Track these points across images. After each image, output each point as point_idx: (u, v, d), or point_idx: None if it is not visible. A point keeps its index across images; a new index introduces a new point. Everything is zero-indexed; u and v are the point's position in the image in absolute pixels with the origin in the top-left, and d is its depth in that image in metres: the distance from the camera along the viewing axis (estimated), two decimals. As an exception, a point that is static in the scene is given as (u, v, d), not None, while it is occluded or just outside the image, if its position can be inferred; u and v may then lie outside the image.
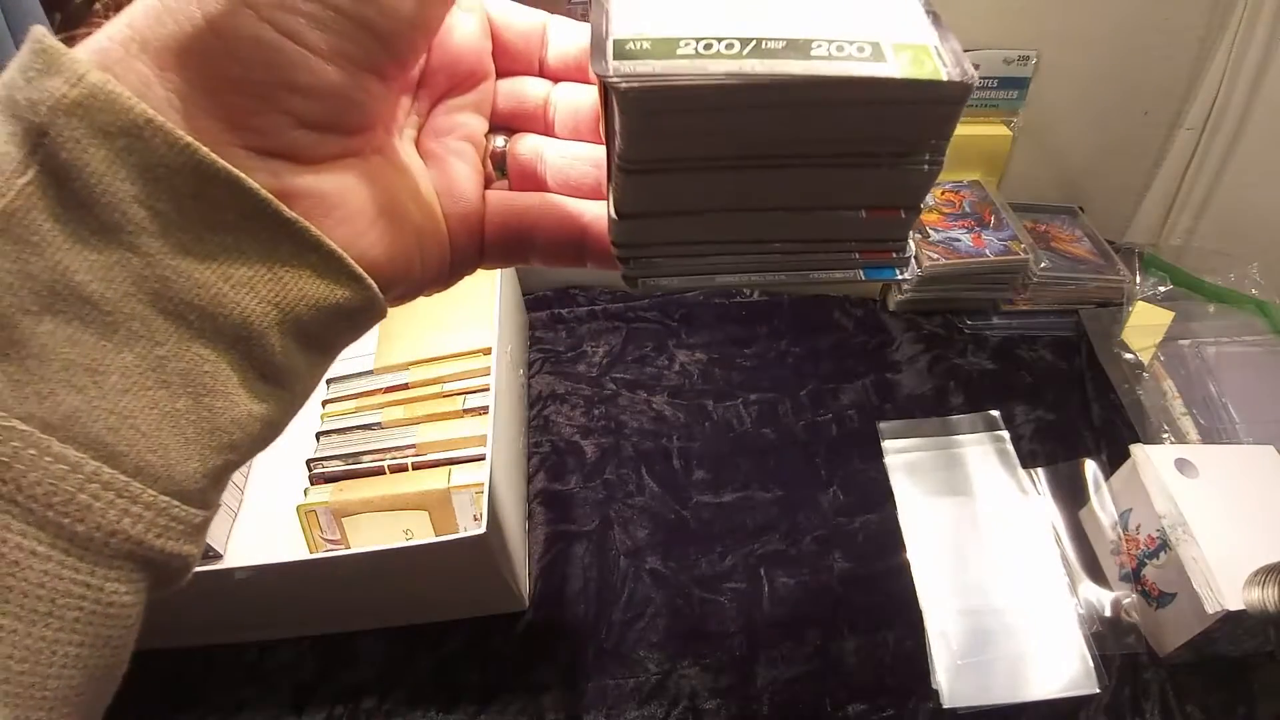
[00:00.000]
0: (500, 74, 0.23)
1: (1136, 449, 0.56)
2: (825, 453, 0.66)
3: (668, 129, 0.17)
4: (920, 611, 0.56)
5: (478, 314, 0.66)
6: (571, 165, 0.22)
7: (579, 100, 0.23)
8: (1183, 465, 0.54)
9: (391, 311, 0.21)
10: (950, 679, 0.52)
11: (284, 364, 0.18)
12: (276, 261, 0.17)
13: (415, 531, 0.55)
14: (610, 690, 0.53)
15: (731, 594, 0.57)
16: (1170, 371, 0.70)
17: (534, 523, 0.62)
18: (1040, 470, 0.64)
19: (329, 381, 0.65)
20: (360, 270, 0.18)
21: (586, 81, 0.23)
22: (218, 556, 0.63)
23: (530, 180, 0.23)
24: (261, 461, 0.72)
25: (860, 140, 0.17)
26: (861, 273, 0.18)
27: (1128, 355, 0.72)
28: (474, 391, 0.61)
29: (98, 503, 0.15)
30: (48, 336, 0.15)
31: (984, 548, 0.59)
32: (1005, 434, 0.67)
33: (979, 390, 0.71)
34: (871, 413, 0.69)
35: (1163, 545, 0.51)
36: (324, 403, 0.63)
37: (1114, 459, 0.62)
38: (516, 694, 0.53)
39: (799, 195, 0.18)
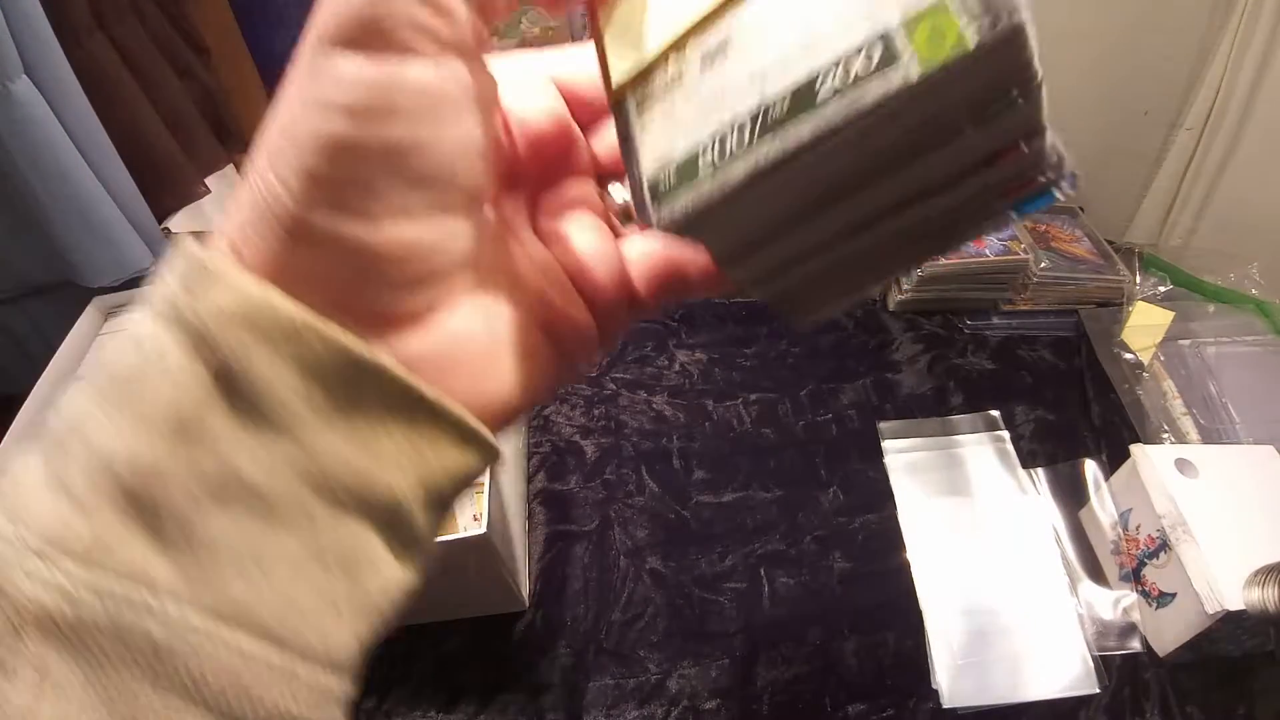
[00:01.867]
0: (586, 125, 0.22)
1: (1136, 449, 0.56)
2: (825, 453, 0.66)
3: (732, 233, 0.16)
4: (920, 611, 0.56)
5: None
6: None
7: None
8: (1183, 465, 0.54)
9: None
10: (950, 679, 0.52)
11: (423, 532, 0.19)
12: (419, 437, 0.18)
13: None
14: (610, 690, 0.53)
15: (731, 594, 0.57)
16: (1170, 371, 0.70)
17: (534, 523, 0.62)
18: (1040, 470, 0.64)
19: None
20: (490, 438, 0.19)
21: None
22: (218, 556, 0.63)
23: None
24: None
25: (924, 136, 0.14)
26: (1014, 214, 0.16)
27: (1128, 355, 0.72)
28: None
29: (269, 689, 0.16)
30: (219, 529, 0.16)
31: (984, 548, 0.59)
32: (1005, 434, 0.67)
33: (979, 390, 0.71)
34: (871, 413, 0.69)
35: (1163, 545, 0.51)
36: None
37: (1114, 459, 0.62)
38: (516, 694, 0.53)
39: (901, 195, 0.16)
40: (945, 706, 0.51)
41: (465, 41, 0.16)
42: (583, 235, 0.21)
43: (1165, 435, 0.65)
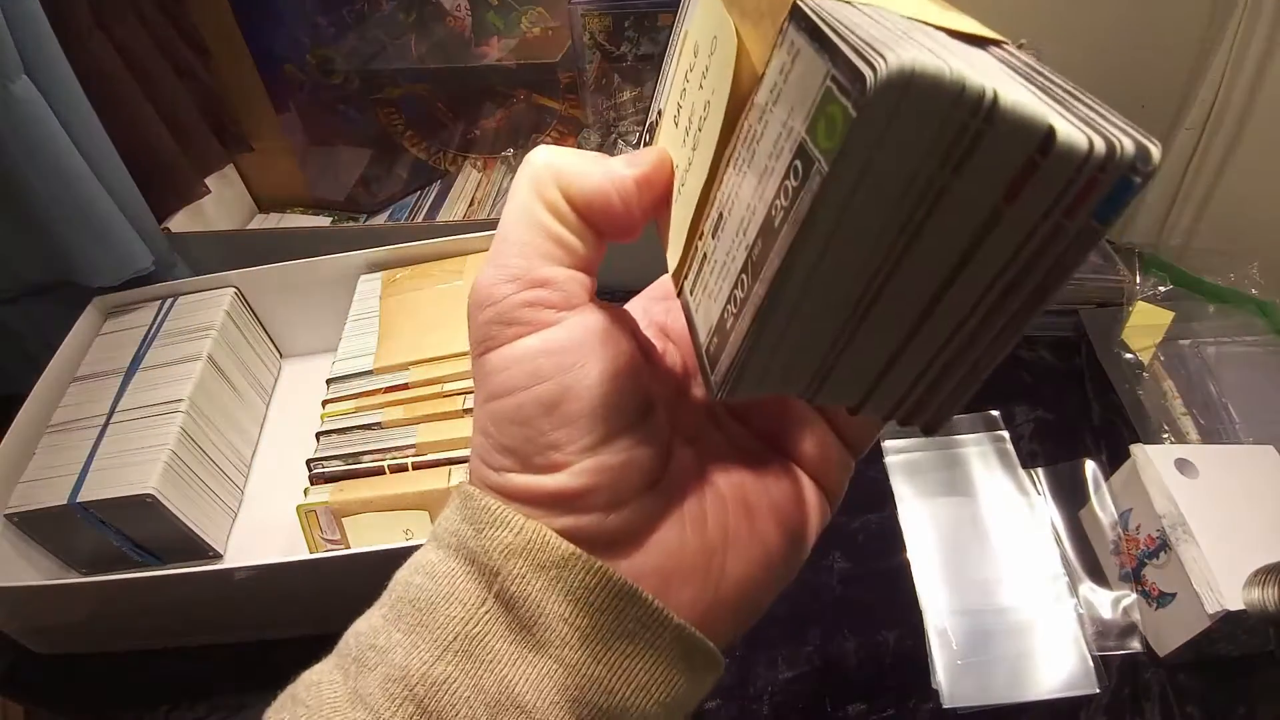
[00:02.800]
0: None
1: (1136, 449, 0.56)
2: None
3: (780, 376, 0.16)
4: (920, 611, 0.56)
5: (478, 314, 0.66)
6: None
7: None
8: (1183, 465, 0.54)
9: (391, 311, 0.22)
10: (950, 679, 0.52)
11: None
12: (666, 663, 0.19)
13: (415, 531, 0.55)
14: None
15: (731, 594, 0.57)
16: (1170, 371, 0.70)
17: (534, 523, 0.62)
18: (1040, 470, 0.64)
19: (329, 382, 0.65)
20: (721, 659, 0.21)
21: None
22: (218, 556, 0.63)
23: None
24: (261, 461, 0.72)
25: (904, 211, 0.14)
26: (1097, 224, 0.13)
27: (1128, 355, 0.72)
28: (474, 391, 0.61)
29: None
30: None
31: (984, 548, 0.59)
32: (1005, 434, 0.67)
33: (979, 390, 0.71)
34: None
35: (1163, 545, 0.51)
36: (324, 403, 0.63)
37: (1114, 459, 0.62)
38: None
39: (937, 273, 0.14)
40: (945, 706, 0.51)
41: (578, 299, 0.20)
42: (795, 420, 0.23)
43: (1165, 435, 0.65)
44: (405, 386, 0.63)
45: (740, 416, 0.23)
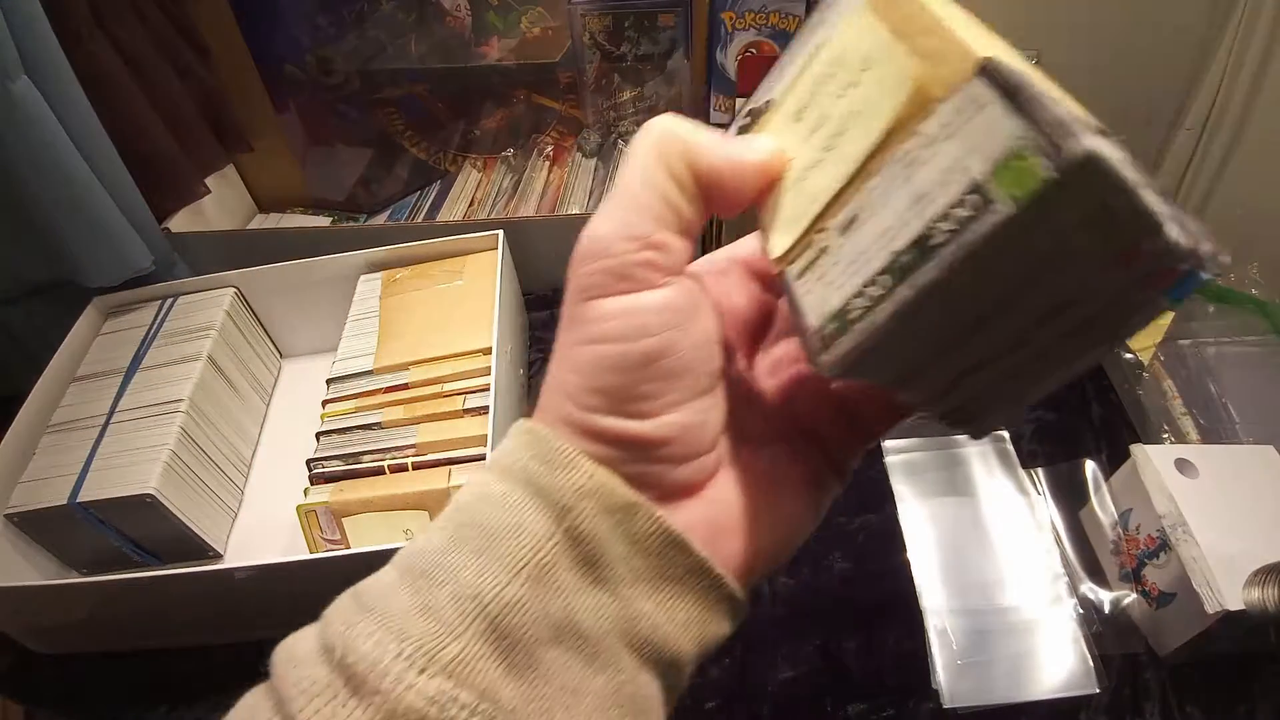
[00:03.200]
0: (780, 293, 0.26)
1: (1136, 449, 0.56)
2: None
3: (888, 366, 0.19)
4: (920, 611, 0.56)
5: (478, 314, 0.66)
6: None
7: None
8: (1183, 465, 0.54)
9: (391, 311, 0.23)
10: (950, 679, 0.52)
11: (683, 684, 0.23)
12: (704, 607, 0.22)
13: (415, 531, 0.55)
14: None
15: (731, 594, 0.57)
16: (1170, 371, 0.70)
17: (534, 523, 0.62)
18: (1040, 470, 0.64)
19: (329, 382, 0.65)
20: (746, 607, 0.23)
21: None
22: (218, 556, 0.63)
23: None
24: (261, 461, 0.72)
25: (1040, 259, 0.16)
26: (1167, 301, 0.17)
27: (1128, 355, 0.72)
28: (474, 391, 0.61)
29: None
30: (552, 662, 0.20)
31: (984, 548, 0.59)
32: (1005, 434, 0.67)
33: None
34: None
35: (1163, 545, 0.51)
36: (324, 403, 0.63)
37: (1114, 459, 0.62)
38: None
39: (1041, 312, 0.17)
40: (945, 706, 0.51)
41: (681, 266, 0.21)
42: (797, 380, 0.26)
43: (1165, 435, 0.65)
44: (405, 386, 0.63)
45: (774, 397, 0.25)
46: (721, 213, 0.22)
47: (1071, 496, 0.62)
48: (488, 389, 0.60)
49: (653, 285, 0.21)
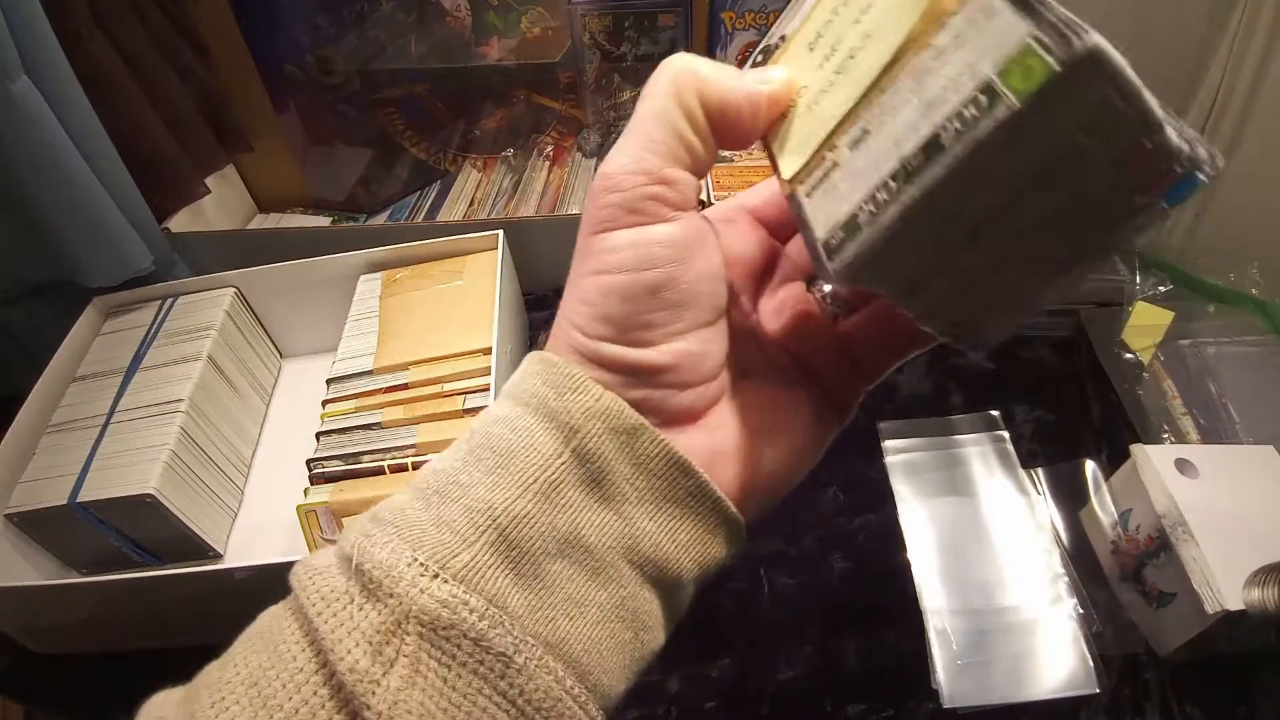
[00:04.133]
0: (784, 238, 0.28)
1: (1136, 449, 0.56)
2: (825, 452, 0.66)
3: (898, 270, 0.19)
4: (920, 611, 0.56)
5: (478, 314, 0.66)
6: None
7: None
8: (1183, 465, 0.54)
9: (392, 311, 0.24)
10: (950, 679, 0.52)
11: (683, 605, 0.24)
12: (704, 529, 0.23)
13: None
14: (610, 690, 0.53)
15: (731, 594, 0.57)
16: (1170, 371, 0.70)
17: (534, 523, 0.62)
18: (1040, 470, 0.64)
19: (329, 382, 0.65)
20: (745, 533, 0.24)
21: None
22: (218, 556, 0.63)
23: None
24: (261, 461, 0.72)
25: (1046, 154, 0.17)
26: (1165, 205, 0.18)
27: (1128, 355, 0.72)
28: (474, 391, 0.61)
29: (568, 712, 0.20)
30: (558, 574, 0.21)
31: (984, 548, 0.59)
32: (1005, 434, 0.67)
33: (979, 390, 0.71)
34: (871, 413, 0.69)
35: (1163, 545, 0.51)
36: (324, 403, 0.63)
37: (1114, 459, 0.62)
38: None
39: (1047, 211, 0.18)
40: (945, 706, 0.51)
41: (690, 202, 0.22)
42: (800, 321, 0.27)
43: (1165, 435, 0.65)
44: (405, 386, 0.63)
45: (778, 338, 0.27)
46: (733, 145, 0.23)
47: (1071, 496, 0.62)
48: (488, 389, 0.60)
49: (661, 219, 0.22)
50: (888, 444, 0.66)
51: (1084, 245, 0.19)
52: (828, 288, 0.27)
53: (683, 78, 0.22)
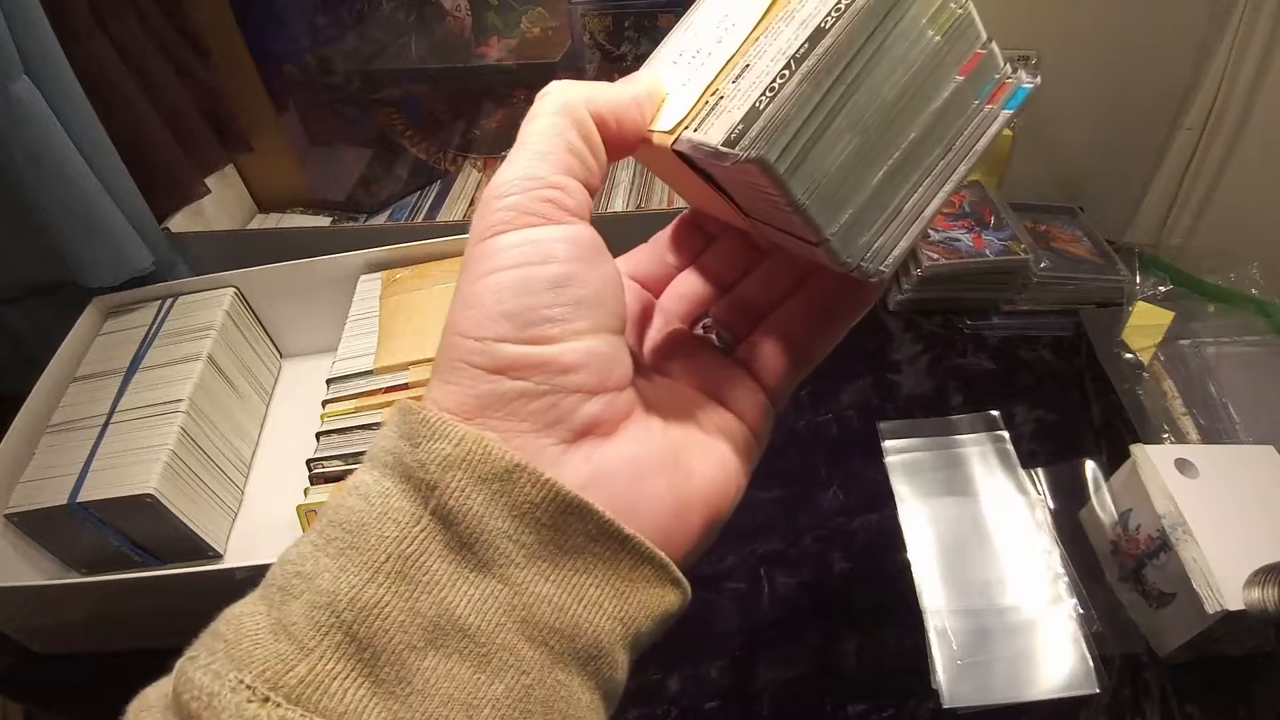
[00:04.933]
0: (656, 291, 0.29)
1: (1136, 449, 0.56)
2: (825, 453, 0.66)
3: (792, 146, 0.21)
4: (920, 611, 0.56)
5: (478, 314, 0.66)
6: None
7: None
8: (1183, 465, 0.54)
9: (392, 311, 0.23)
10: (950, 679, 0.52)
11: (620, 672, 0.20)
12: (618, 577, 0.19)
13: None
14: (610, 690, 0.53)
15: (731, 594, 0.57)
16: (1170, 371, 0.70)
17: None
18: (1040, 470, 0.64)
19: (329, 382, 0.65)
20: (681, 577, 0.21)
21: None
22: (218, 556, 0.63)
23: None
24: (261, 461, 0.72)
25: (906, 48, 0.21)
26: (1006, 111, 0.22)
27: (1128, 355, 0.72)
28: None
29: None
30: (430, 672, 0.17)
31: (984, 548, 0.59)
32: (1005, 434, 0.67)
33: (979, 390, 0.71)
34: (871, 413, 0.69)
35: (1163, 545, 0.51)
36: (324, 403, 0.63)
37: (1114, 459, 0.62)
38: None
39: (911, 106, 0.22)
40: (945, 706, 0.51)
41: (585, 212, 0.22)
42: (689, 354, 0.26)
43: (1165, 435, 0.65)
44: (405, 386, 0.63)
45: (677, 372, 0.26)
46: (625, 147, 0.23)
47: (1071, 496, 0.62)
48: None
49: (557, 221, 0.21)
50: (888, 444, 0.66)
51: (951, 158, 0.22)
52: (709, 322, 0.28)
53: (569, 93, 0.22)
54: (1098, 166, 0.87)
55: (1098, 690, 0.51)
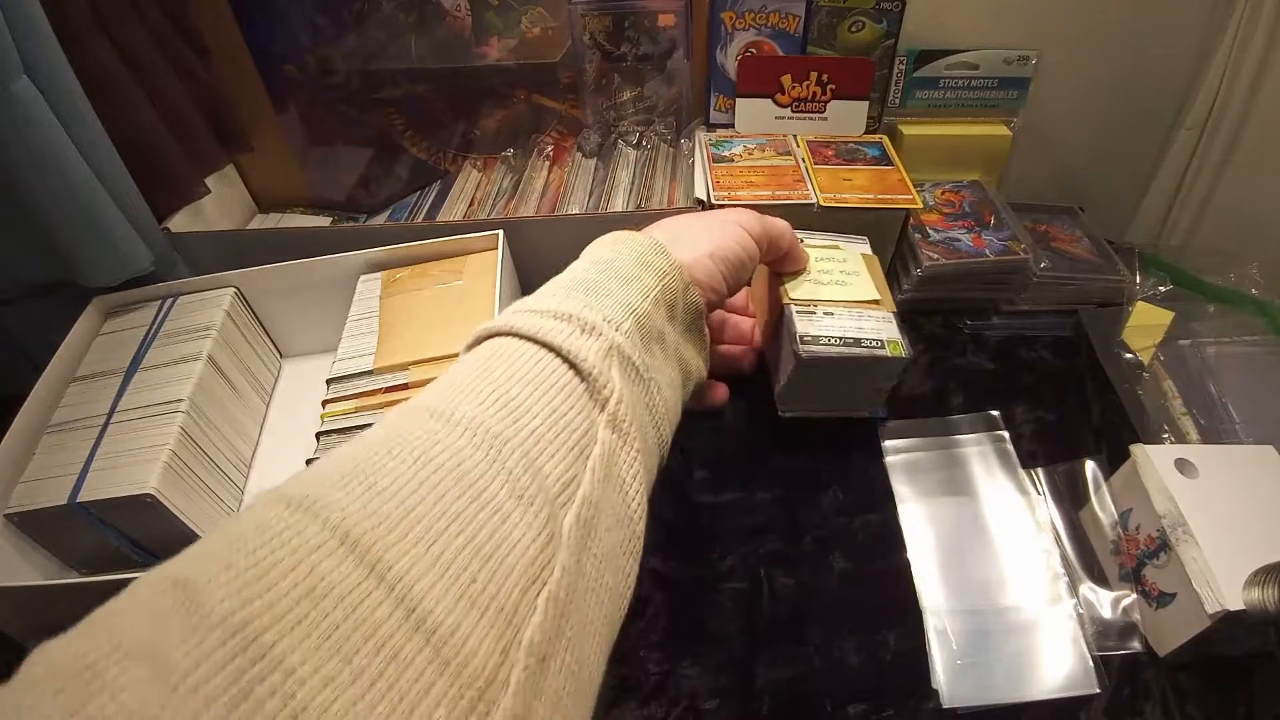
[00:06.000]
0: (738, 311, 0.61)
1: (1136, 449, 0.56)
2: (825, 453, 0.66)
3: (809, 372, 0.51)
4: (920, 611, 0.56)
5: (478, 314, 0.66)
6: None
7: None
8: (1183, 465, 0.54)
9: (391, 311, 0.29)
10: (950, 679, 0.52)
11: (686, 397, 0.44)
12: (697, 352, 0.44)
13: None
14: (610, 690, 0.53)
15: (731, 594, 0.57)
16: (1170, 371, 0.70)
17: (534, 523, 0.62)
18: (1040, 470, 0.64)
19: (329, 382, 0.65)
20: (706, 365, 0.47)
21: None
22: (218, 556, 0.63)
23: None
24: (261, 461, 0.72)
25: (857, 371, 0.54)
26: (883, 397, 0.56)
27: (1128, 355, 0.72)
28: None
29: (670, 415, 0.39)
30: (658, 351, 0.39)
31: (984, 548, 0.59)
32: (1005, 434, 0.67)
33: (979, 390, 0.71)
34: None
35: (1163, 545, 0.51)
36: (324, 403, 0.63)
37: (1114, 459, 0.62)
38: (516, 694, 0.53)
39: (851, 382, 0.55)
40: (945, 706, 0.51)
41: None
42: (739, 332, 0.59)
43: (1165, 435, 0.65)
44: (406, 386, 0.63)
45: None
46: (771, 259, 0.54)
47: (1071, 496, 0.62)
48: (488, 389, 0.60)
49: (761, 256, 0.51)
50: (888, 444, 0.66)
51: (862, 393, 0.57)
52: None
53: (753, 222, 0.50)
54: (1098, 166, 0.87)
55: (1098, 690, 0.51)
